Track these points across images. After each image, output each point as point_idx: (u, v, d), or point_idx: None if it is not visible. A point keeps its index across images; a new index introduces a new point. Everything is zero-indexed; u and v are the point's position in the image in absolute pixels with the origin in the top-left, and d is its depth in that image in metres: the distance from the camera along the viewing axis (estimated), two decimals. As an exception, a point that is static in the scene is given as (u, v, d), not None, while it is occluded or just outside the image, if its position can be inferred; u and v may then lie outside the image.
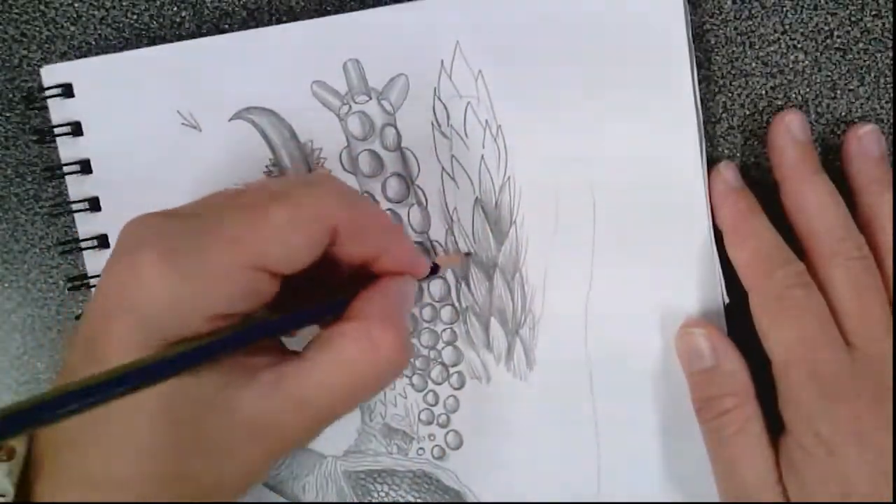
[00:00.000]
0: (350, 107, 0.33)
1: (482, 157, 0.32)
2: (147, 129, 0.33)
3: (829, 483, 0.28)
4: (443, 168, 0.33)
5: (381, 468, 0.34)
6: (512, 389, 0.33)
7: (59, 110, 0.34)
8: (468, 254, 0.33)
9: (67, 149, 0.34)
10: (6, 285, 0.36)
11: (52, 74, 0.34)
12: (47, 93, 0.34)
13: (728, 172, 0.31)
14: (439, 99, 0.32)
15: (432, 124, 0.32)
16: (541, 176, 0.32)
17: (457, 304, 0.33)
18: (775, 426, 0.30)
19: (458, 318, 0.33)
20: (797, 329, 0.29)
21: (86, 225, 0.35)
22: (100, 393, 0.20)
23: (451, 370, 0.34)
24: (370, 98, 0.32)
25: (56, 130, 0.34)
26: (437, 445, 0.34)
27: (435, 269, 0.31)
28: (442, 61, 0.32)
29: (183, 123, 0.33)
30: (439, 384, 0.34)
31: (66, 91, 0.34)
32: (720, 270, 0.32)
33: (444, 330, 0.34)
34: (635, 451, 0.33)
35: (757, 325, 0.30)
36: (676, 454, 0.33)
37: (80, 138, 0.34)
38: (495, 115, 0.32)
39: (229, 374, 0.24)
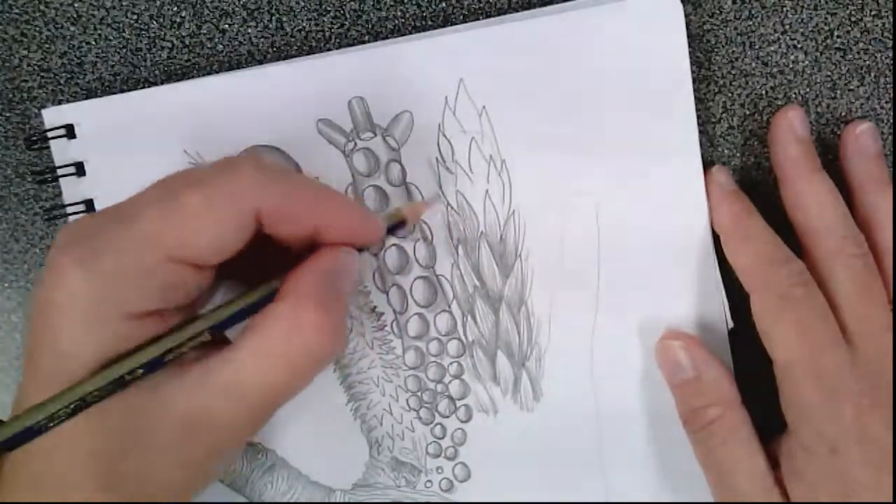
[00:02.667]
0: (355, 143, 0.33)
1: (487, 191, 0.33)
2: (153, 168, 0.33)
3: (831, 482, 0.28)
4: (448, 203, 0.33)
5: (390, 501, 0.35)
6: (519, 421, 0.34)
7: (62, 151, 0.34)
8: (436, 197, 0.33)
9: (70, 189, 0.34)
10: (6, 285, 0.36)
11: (53, 116, 0.34)
12: (49, 135, 0.34)
13: (721, 176, 0.31)
14: (443, 135, 0.32)
15: (437, 160, 0.33)
16: (545, 209, 0.32)
17: (463, 338, 0.34)
18: (778, 427, 0.30)
19: (464, 352, 0.34)
20: (799, 328, 0.29)
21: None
22: (22, 436, 0.22)
23: (459, 403, 0.34)
24: (375, 135, 0.33)
25: (59, 171, 0.34)
26: (445, 478, 0.34)
27: (402, 224, 0.30)
28: (446, 98, 0.32)
29: (190, 162, 0.33)
30: (447, 417, 0.34)
31: (68, 132, 0.34)
32: (725, 299, 0.32)
33: (451, 363, 0.34)
34: (643, 482, 0.33)
35: (759, 325, 0.30)
36: (686, 485, 0.33)
37: (84, 178, 0.34)
38: (499, 149, 0.32)
39: (161, 373, 0.24)
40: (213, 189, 0.24)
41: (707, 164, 0.32)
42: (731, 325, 0.32)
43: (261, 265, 0.26)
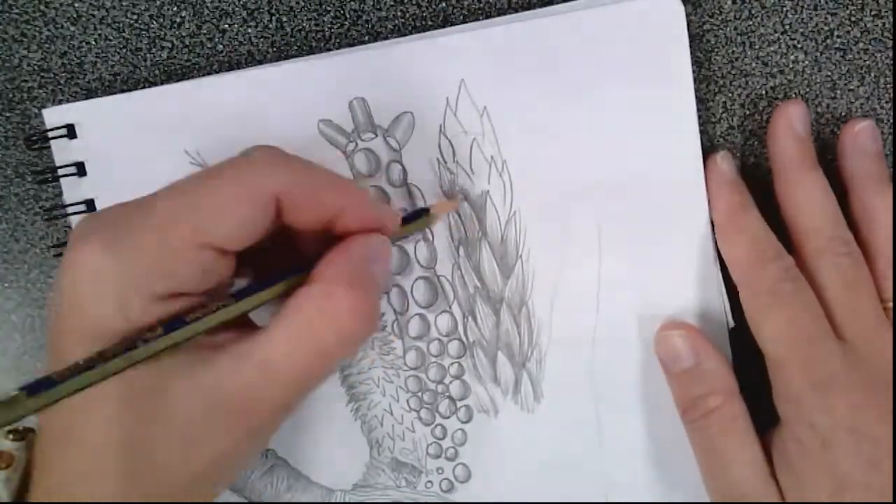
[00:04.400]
0: (356, 144, 0.33)
1: (488, 192, 0.33)
2: (154, 168, 0.33)
3: (823, 475, 0.28)
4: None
5: (390, 501, 0.35)
6: (520, 422, 0.34)
7: (62, 151, 0.34)
8: (461, 198, 0.33)
9: (71, 189, 0.34)
10: (6, 285, 0.36)
11: (54, 116, 0.34)
12: (50, 135, 0.34)
13: (725, 164, 0.31)
14: (445, 135, 0.32)
15: (438, 160, 0.33)
16: (546, 210, 0.32)
17: (464, 339, 0.34)
18: (772, 421, 0.30)
19: (465, 353, 0.34)
20: (789, 322, 0.29)
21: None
22: (51, 393, 0.22)
23: (459, 404, 0.34)
24: (376, 135, 0.33)
25: (59, 172, 0.34)
26: (445, 479, 0.34)
27: (418, 214, 0.30)
28: (447, 98, 0.32)
29: (191, 163, 0.33)
30: (447, 418, 0.34)
31: (69, 132, 0.33)
32: (726, 297, 0.32)
33: (452, 364, 0.34)
34: (643, 483, 0.33)
35: (749, 320, 0.30)
36: (687, 486, 0.33)
37: (84, 178, 0.34)
38: (500, 150, 0.32)
39: (194, 356, 0.24)
40: (236, 177, 0.25)
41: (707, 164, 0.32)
42: (731, 324, 0.32)
43: (276, 263, 0.27)
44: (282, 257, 0.26)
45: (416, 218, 0.31)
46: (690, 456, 0.31)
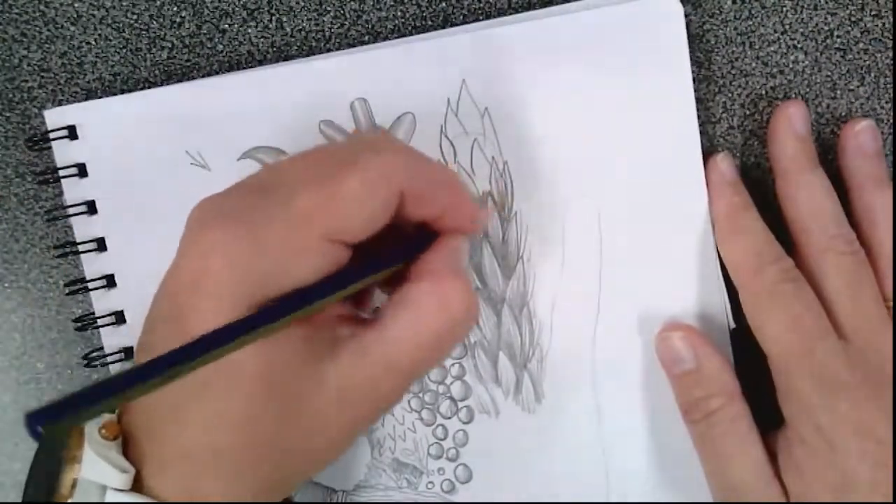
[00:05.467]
0: None
1: (489, 192, 0.32)
2: (155, 169, 0.33)
3: (829, 475, 0.28)
4: None
5: (391, 502, 0.35)
6: (521, 423, 0.34)
7: (64, 152, 0.34)
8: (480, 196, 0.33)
9: (72, 190, 0.34)
10: (6, 285, 0.36)
11: (55, 117, 0.34)
12: (51, 136, 0.33)
13: (725, 165, 0.31)
14: (446, 136, 0.32)
15: (439, 161, 0.33)
16: (547, 211, 0.32)
17: (465, 339, 0.34)
18: (776, 422, 0.30)
19: (466, 353, 0.34)
20: (790, 323, 0.29)
21: (84, 227, 0.35)
22: (198, 354, 0.21)
23: (460, 404, 0.34)
24: None
25: (61, 173, 0.34)
26: (446, 479, 0.34)
27: None
28: (448, 99, 0.32)
29: (192, 163, 0.33)
30: (448, 418, 0.34)
31: (71, 133, 0.34)
32: (727, 298, 0.32)
33: (453, 365, 0.34)
34: (645, 482, 0.33)
35: (750, 321, 0.30)
36: (688, 486, 0.33)
37: (86, 179, 0.34)
38: (501, 151, 0.32)
39: (315, 347, 0.25)
40: (370, 172, 0.24)
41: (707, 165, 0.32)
42: (733, 325, 0.32)
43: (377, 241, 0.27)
44: (377, 243, 0.27)
45: None
46: (693, 456, 0.31)
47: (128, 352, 0.34)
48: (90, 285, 0.34)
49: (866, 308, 0.29)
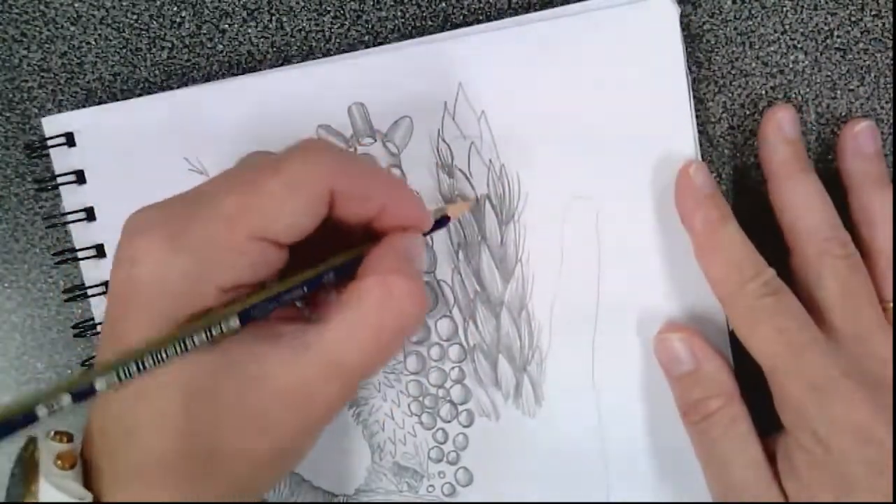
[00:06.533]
0: (355, 149, 0.33)
1: (487, 196, 0.32)
2: (152, 175, 0.33)
3: (828, 481, 0.28)
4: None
5: None
6: (521, 426, 0.34)
7: (62, 159, 0.34)
8: (479, 198, 0.33)
9: (70, 196, 0.34)
10: (6, 285, 0.36)
11: (53, 124, 0.34)
12: (49, 143, 0.34)
13: (699, 177, 0.31)
14: (443, 140, 0.32)
15: (437, 165, 0.33)
16: (545, 213, 0.32)
17: (464, 343, 0.34)
18: (775, 424, 0.30)
19: (465, 357, 0.34)
20: (776, 335, 0.29)
21: (82, 234, 0.35)
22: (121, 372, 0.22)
23: (460, 408, 0.34)
24: (375, 140, 0.33)
25: (59, 180, 0.34)
26: (447, 483, 0.34)
27: (445, 221, 0.31)
28: (445, 103, 0.32)
29: (190, 169, 0.33)
30: (448, 422, 0.34)
31: (68, 140, 0.34)
32: None
33: (453, 368, 0.34)
34: (646, 484, 0.33)
35: (737, 334, 0.30)
36: (688, 487, 0.33)
37: (84, 186, 0.34)
38: (499, 154, 0.32)
39: (254, 345, 0.25)
40: (292, 173, 0.25)
41: (708, 165, 0.32)
42: (731, 326, 0.32)
43: (321, 249, 0.27)
44: (319, 247, 0.27)
45: (442, 220, 0.31)
46: (692, 457, 0.31)
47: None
48: (89, 292, 0.34)
49: (862, 310, 0.29)
